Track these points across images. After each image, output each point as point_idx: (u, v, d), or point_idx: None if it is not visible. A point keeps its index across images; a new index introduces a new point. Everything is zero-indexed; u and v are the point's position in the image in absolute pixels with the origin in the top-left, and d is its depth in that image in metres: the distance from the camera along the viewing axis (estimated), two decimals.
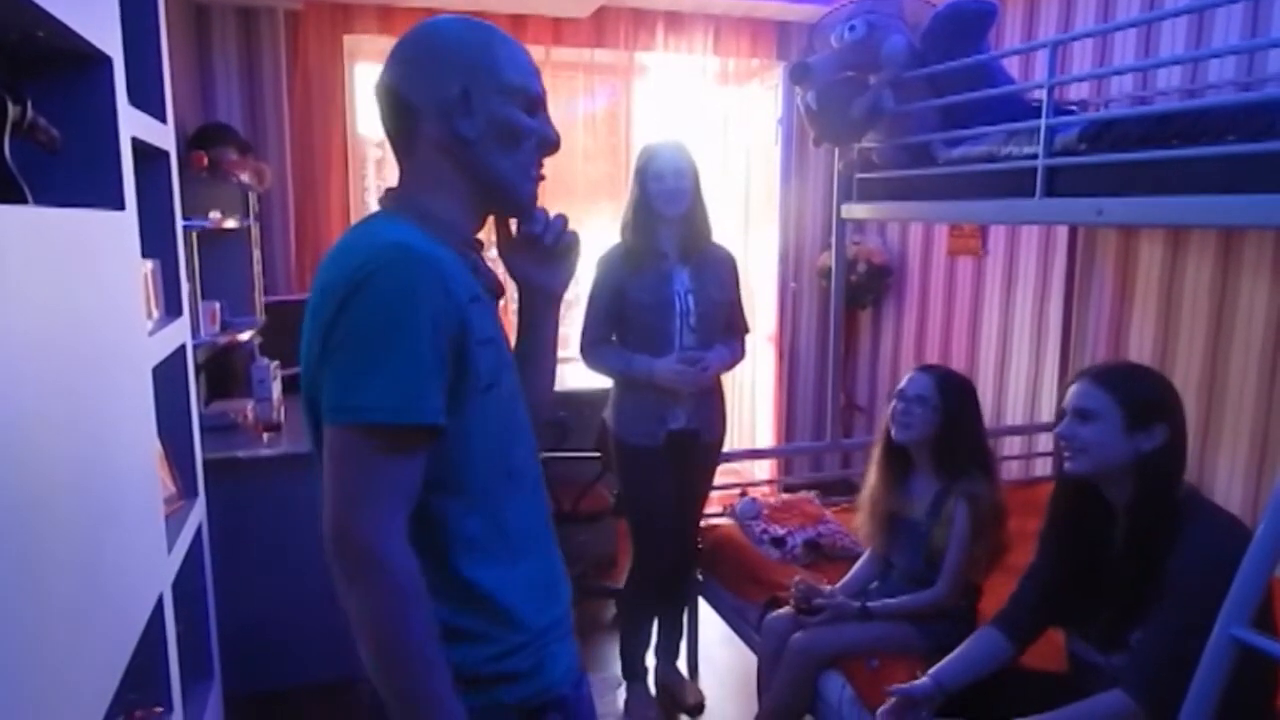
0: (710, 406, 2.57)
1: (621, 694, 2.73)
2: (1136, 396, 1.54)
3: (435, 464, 0.96)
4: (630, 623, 2.73)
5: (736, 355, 2.58)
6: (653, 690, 2.73)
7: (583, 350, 2.53)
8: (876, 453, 2.23)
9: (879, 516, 2.19)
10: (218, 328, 2.93)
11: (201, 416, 2.24)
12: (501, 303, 1.13)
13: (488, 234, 1.16)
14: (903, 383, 2.15)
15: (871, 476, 2.23)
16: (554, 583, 1.11)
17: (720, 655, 2.99)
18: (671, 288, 2.46)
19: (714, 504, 2.99)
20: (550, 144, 1.08)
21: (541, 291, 1.21)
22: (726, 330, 2.57)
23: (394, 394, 0.90)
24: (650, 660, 2.78)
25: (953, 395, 2.08)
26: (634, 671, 2.70)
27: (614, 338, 2.53)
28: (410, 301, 0.91)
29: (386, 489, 0.92)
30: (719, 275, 2.53)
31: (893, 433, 2.14)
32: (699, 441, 2.57)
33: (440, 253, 0.97)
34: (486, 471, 1.02)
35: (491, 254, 1.18)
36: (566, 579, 1.14)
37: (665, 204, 2.40)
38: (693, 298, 2.47)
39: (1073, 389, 1.61)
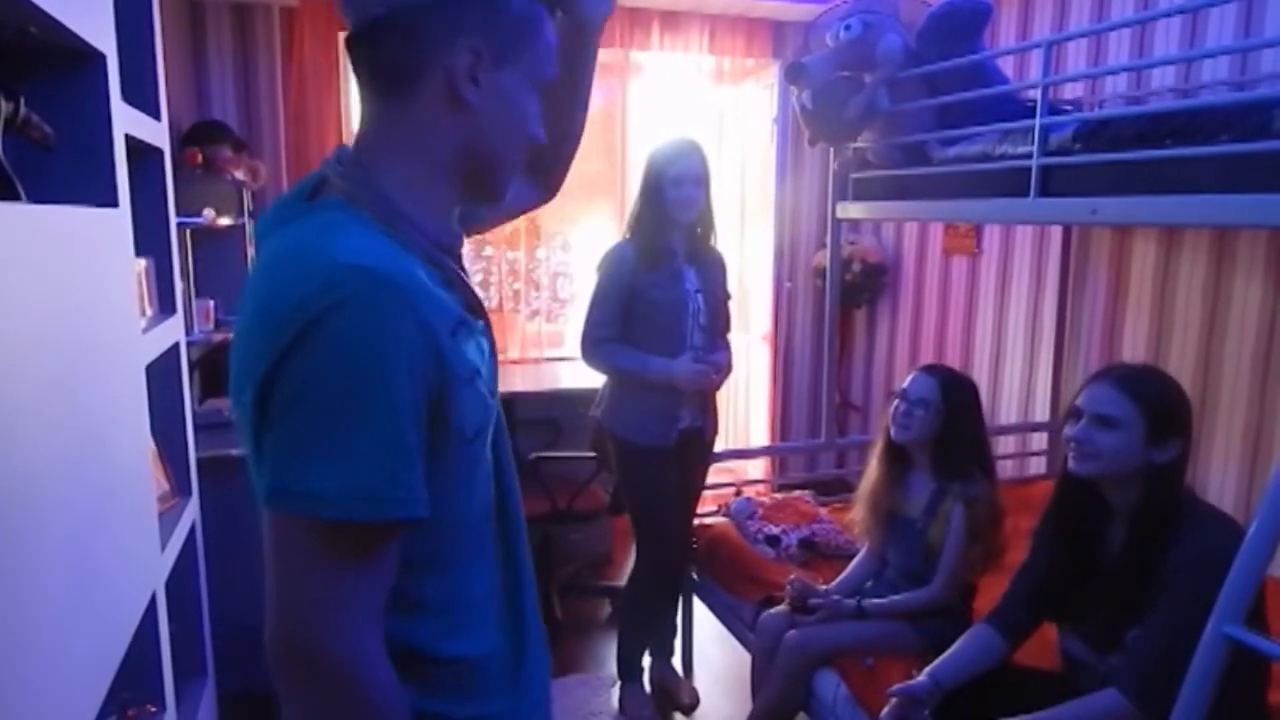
0: (710, 403, 2.61)
1: (616, 693, 2.74)
2: (1161, 410, 1.52)
3: (402, 548, 0.78)
4: (632, 622, 2.73)
5: (731, 357, 2.61)
6: (647, 689, 2.74)
7: (587, 348, 2.51)
8: (876, 450, 2.23)
9: (876, 512, 2.20)
10: (212, 325, 2.92)
11: (195, 414, 2.23)
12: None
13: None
14: (905, 383, 2.15)
15: (871, 472, 2.23)
16: (528, 662, 0.93)
17: (715, 654, 3.00)
18: (684, 286, 2.48)
19: (709, 503, 3.00)
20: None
21: (581, 21, 1.09)
22: (723, 333, 2.61)
23: (360, 480, 0.69)
24: (645, 659, 2.78)
25: (955, 398, 2.08)
26: (631, 671, 2.70)
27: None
28: (380, 350, 0.70)
29: (355, 595, 0.72)
30: (718, 275, 2.58)
31: (892, 433, 2.14)
32: (704, 438, 2.61)
33: (412, 269, 0.76)
34: (461, 535, 0.84)
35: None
36: (548, 668, 0.98)
37: (681, 210, 2.42)
38: (702, 297, 2.50)
39: (1092, 390, 1.58)
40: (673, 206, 2.41)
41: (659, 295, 2.44)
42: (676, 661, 2.87)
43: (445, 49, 0.79)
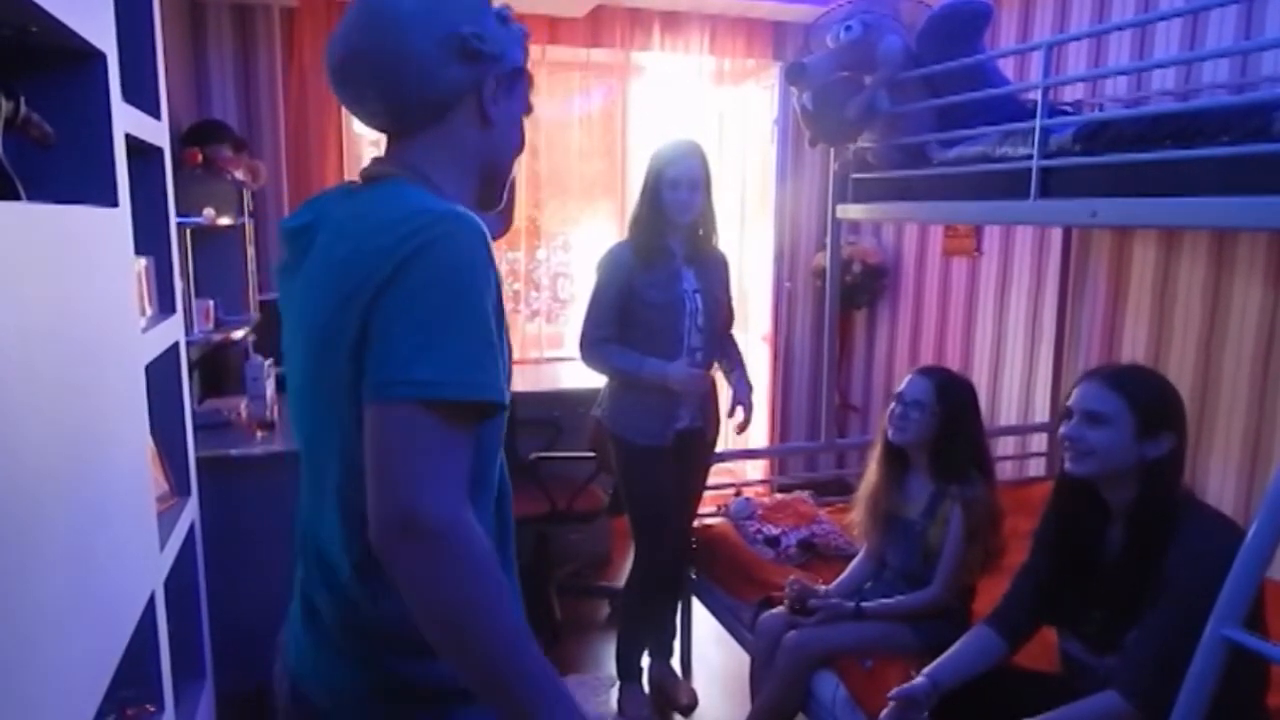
0: (710, 403, 2.62)
1: (615, 694, 2.74)
2: (1150, 404, 1.53)
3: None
4: (631, 623, 2.73)
5: (745, 370, 2.66)
6: (646, 689, 2.74)
7: (585, 348, 2.52)
8: (875, 451, 2.23)
9: (876, 514, 2.20)
10: (211, 325, 2.92)
11: (195, 414, 2.23)
12: None
13: None
14: (902, 385, 2.15)
15: (871, 474, 2.23)
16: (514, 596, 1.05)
17: (714, 655, 3.00)
18: (681, 287, 2.49)
19: (708, 503, 3.00)
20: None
21: None
22: (724, 330, 2.62)
23: (466, 368, 0.85)
24: (644, 659, 2.79)
25: (951, 400, 2.08)
26: (630, 671, 2.70)
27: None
28: (474, 271, 0.87)
29: (455, 467, 0.85)
30: (719, 276, 2.58)
31: (889, 434, 2.14)
32: (703, 439, 2.62)
33: (481, 222, 0.92)
34: (490, 471, 0.99)
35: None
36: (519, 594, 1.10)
37: (677, 212, 2.44)
38: (700, 297, 2.51)
39: (1082, 389, 1.59)
40: (670, 208, 2.42)
41: (655, 296, 2.45)
42: (675, 662, 2.87)
43: (477, 85, 0.99)
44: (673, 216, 2.43)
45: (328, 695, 1.00)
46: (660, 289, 2.45)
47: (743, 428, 2.61)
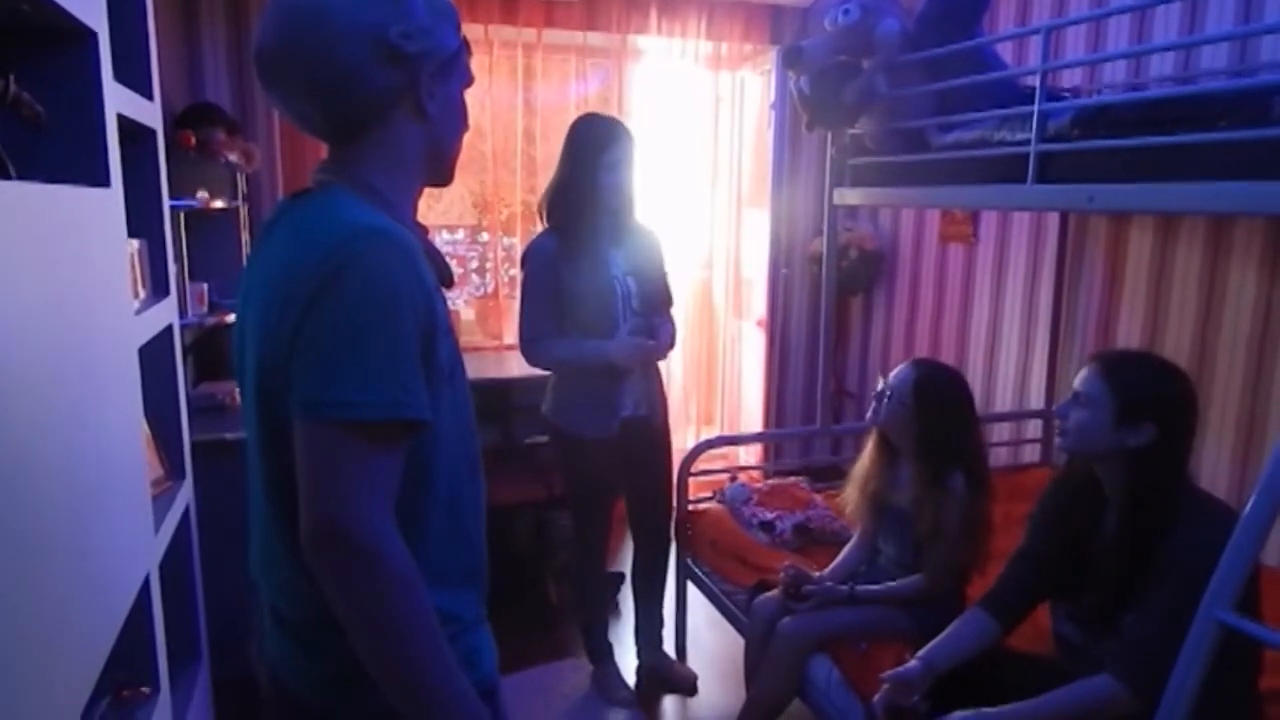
0: (654, 389, 2.55)
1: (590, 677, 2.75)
2: (1132, 392, 1.54)
3: (406, 456, 0.93)
4: (584, 605, 2.73)
5: (674, 330, 2.53)
6: (619, 667, 2.75)
7: (525, 348, 2.44)
8: (873, 433, 2.24)
9: (866, 494, 2.20)
10: (205, 309, 2.91)
11: (189, 398, 2.23)
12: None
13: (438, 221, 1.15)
14: (896, 369, 2.16)
15: (865, 455, 2.23)
16: (483, 571, 1.10)
17: (708, 638, 3.01)
18: (610, 272, 2.40)
19: (703, 488, 3.00)
20: None
21: None
22: (662, 310, 2.54)
23: (381, 388, 0.86)
24: (633, 646, 2.80)
25: (928, 397, 2.05)
26: (598, 652, 2.72)
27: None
28: (392, 289, 0.88)
29: (377, 484, 0.88)
30: (650, 253, 2.50)
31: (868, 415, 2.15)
32: (651, 425, 2.55)
33: (409, 236, 0.94)
34: (451, 461, 1.00)
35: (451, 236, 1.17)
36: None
37: (613, 194, 2.37)
38: (632, 280, 2.43)
39: (1082, 370, 1.63)
40: (606, 190, 2.35)
41: (584, 285, 2.36)
42: (670, 647, 2.87)
43: (412, 85, 0.98)
44: (607, 198, 2.36)
45: (300, 682, 1.02)
46: (587, 278, 2.36)
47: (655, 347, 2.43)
